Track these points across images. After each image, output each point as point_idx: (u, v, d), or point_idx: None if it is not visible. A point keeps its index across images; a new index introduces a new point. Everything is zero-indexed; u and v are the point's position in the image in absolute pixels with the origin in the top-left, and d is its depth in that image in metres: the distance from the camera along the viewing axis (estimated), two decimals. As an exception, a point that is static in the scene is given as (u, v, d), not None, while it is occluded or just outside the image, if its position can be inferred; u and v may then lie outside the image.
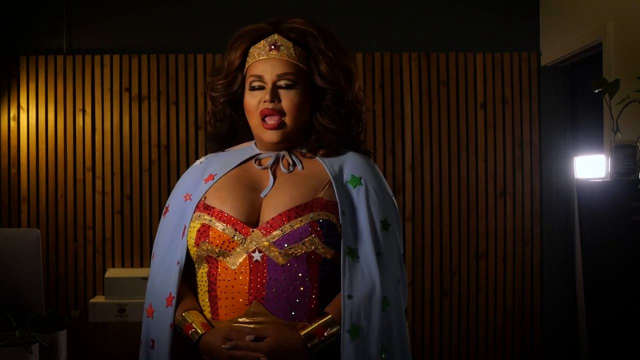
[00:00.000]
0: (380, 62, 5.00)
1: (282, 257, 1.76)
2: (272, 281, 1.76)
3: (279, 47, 1.88)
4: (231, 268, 1.79)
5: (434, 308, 5.00)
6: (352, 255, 1.78)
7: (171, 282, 1.84)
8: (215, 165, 1.97)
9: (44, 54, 4.97)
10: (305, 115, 1.90)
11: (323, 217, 1.79)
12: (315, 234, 1.77)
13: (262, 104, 1.87)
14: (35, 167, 4.95)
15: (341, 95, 1.89)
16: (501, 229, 5.00)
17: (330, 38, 1.91)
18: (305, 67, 1.89)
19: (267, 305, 1.76)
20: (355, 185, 1.86)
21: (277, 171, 1.91)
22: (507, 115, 5.01)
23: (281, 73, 1.86)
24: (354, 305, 1.74)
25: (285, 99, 1.86)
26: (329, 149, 1.91)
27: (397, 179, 4.99)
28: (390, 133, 4.99)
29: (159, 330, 1.83)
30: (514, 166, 5.00)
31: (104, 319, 4.52)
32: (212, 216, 1.83)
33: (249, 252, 1.78)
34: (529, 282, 5.00)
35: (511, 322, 5.01)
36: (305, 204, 1.80)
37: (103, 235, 4.95)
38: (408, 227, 4.98)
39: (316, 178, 1.87)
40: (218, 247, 1.80)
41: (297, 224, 1.77)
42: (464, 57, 5.01)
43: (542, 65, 4.97)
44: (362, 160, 1.92)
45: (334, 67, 1.88)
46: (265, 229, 1.79)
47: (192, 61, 4.98)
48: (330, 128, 1.90)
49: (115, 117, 4.96)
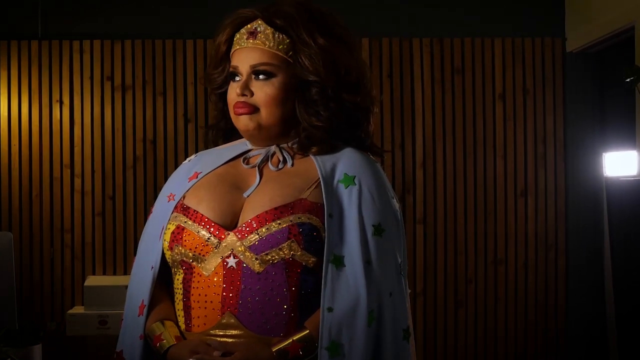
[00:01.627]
0: (388, 49, 5.02)
1: (259, 264, 1.75)
2: (247, 290, 1.75)
3: (257, 34, 1.87)
4: (205, 275, 1.79)
5: (447, 320, 5.01)
6: (336, 263, 1.75)
7: (144, 289, 1.84)
8: (203, 162, 1.97)
9: (16, 38, 4.97)
10: (287, 109, 1.88)
11: (305, 220, 1.76)
12: (294, 238, 1.74)
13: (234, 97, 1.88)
14: (7, 164, 4.95)
15: (325, 89, 1.86)
16: (522, 232, 5.01)
17: (319, 22, 1.89)
18: (288, 56, 1.87)
19: (240, 317, 1.75)
20: (347, 185, 1.83)
21: (265, 169, 1.89)
22: (529, 106, 5.02)
23: (255, 64, 1.86)
24: (334, 319, 1.71)
25: (258, 92, 1.85)
26: (321, 146, 1.88)
27: (407, 178, 5.00)
28: (400, 127, 5.00)
29: (129, 342, 1.83)
30: (536, 163, 5.02)
31: (83, 332, 4.52)
32: (188, 217, 1.83)
33: (224, 258, 1.77)
34: (553, 291, 5.01)
35: (533, 336, 5.01)
36: (286, 205, 1.78)
37: (82, 240, 4.96)
38: (419, 230, 4.99)
39: (303, 177, 1.85)
40: (192, 251, 1.80)
41: (275, 227, 1.76)
42: (480, 43, 5.03)
43: (567, 51, 4.99)
44: (359, 157, 1.89)
45: (315, 57, 1.85)
46: (241, 232, 1.78)
47: (181, 47, 4.99)
48: (317, 125, 1.87)
49: (95, 108, 4.97)
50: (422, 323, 4.97)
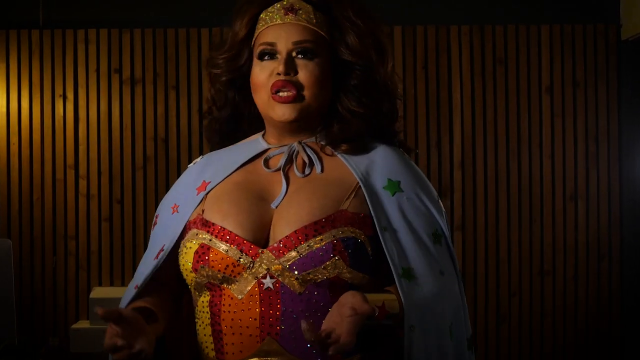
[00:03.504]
0: (423, 38, 5.02)
1: (299, 284, 1.74)
2: (288, 313, 1.75)
3: (297, 10, 1.87)
4: (237, 297, 1.78)
5: (489, 336, 4.99)
6: (408, 277, 1.74)
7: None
8: (212, 168, 1.94)
9: (16, 27, 5.01)
10: (327, 95, 1.87)
11: (348, 234, 1.75)
12: (339, 255, 1.73)
13: (274, 76, 1.84)
14: (6, 164, 4.98)
15: (372, 73, 1.87)
16: (571, 240, 4.99)
17: (361, 5, 1.91)
18: (328, 36, 1.88)
19: (283, 342, 1.74)
20: (394, 192, 1.84)
21: (291, 174, 1.87)
22: (579, 101, 5.00)
23: (298, 40, 1.84)
24: (418, 338, 1.71)
25: (303, 71, 1.83)
26: (354, 143, 1.88)
27: (443, 180, 4.98)
28: (436, 124, 4.99)
29: None
30: (587, 163, 5.00)
31: (88, 349, 4.53)
32: (212, 234, 1.80)
33: (259, 278, 1.76)
34: (606, 305, 4.97)
35: (584, 355, 4.96)
36: (326, 219, 1.77)
37: (88, 247, 4.97)
38: (457, 237, 4.98)
39: (339, 184, 1.84)
40: (221, 272, 1.78)
41: (317, 244, 1.74)
42: (525, 30, 5.01)
43: (622, 39, 4.97)
44: (397, 158, 1.90)
45: (364, 38, 1.87)
46: (277, 249, 1.76)
47: (196, 37, 5.01)
48: (358, 112, 1.87)
49: (102, 104, 4.99)
50: (460, 340, 4.92)
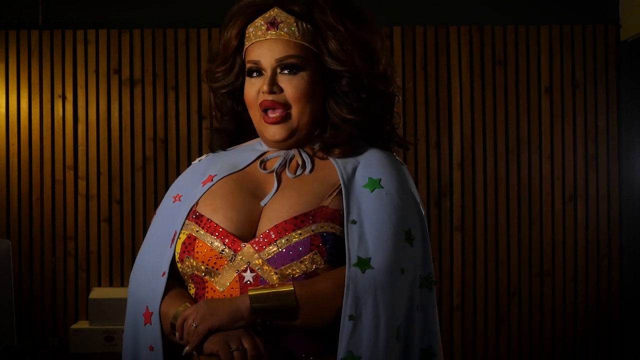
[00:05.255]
0: (422, 38, 5.00)
1: (278, 278, 1.76)
2: None
3: (278, 24, 1.87)
4: (219, 290, 1.79)
5: (488, 337, 4.98)
6: (361, 266, 1.73)
7: (152, 296, 1.82)
8: (218, 165, 1.97)
9: (15, 28, 4.99)
10: (317, 105, 1.90)
11: (327, 229, 1.78)
12: (317, 250, 1.76)
13: (261, 94, 1.87)
14: (5, 165, 4.97)
15: (358, 78, 1.88)
16: (571, 241, 4.98)
17: (343, 7, 1.90)
18: (313, 46, 1.88)
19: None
20: (373, 189, 1.84)
21: (284, 175, 1.91)
22: (579, 101, 4.98)
23: (281, 57, 1.86)
24: (356, 329, 1.70)
25: (288, 87, 1.86)
26: (345, 147, 1.90)
27: (443, 181, 4.98)
28: (435, 124, 4.98)
29: (131, 355, 1.83)
30: (586, 164, 4.99)
31: (88, 349, 4.56)
32: (201, 226, 1.84)
33: (240, 272, 1.78)
34: (606, 306, 4.97)
35: (583, 355, 4.96)
36: (306, 214, 1.80)
37: (87, 248, 4.97)
38: (456, 238, 4.97)
39: (324, 182, 1.86)
40: (204, 264, 1.80)
41: (295, 237, 1.77)
42: (525, 31, 4.99)
43: (622, 40, 4.94)
44: (383, 158, 1.92)
45: (346, 44, 1.86)
46: (258, 243, 1.79)
47: (195, 37, 4.99)
48: (348, 119, 1.89)
49: (101, 104, 4.98)
50: (460, 340, 4.96)
